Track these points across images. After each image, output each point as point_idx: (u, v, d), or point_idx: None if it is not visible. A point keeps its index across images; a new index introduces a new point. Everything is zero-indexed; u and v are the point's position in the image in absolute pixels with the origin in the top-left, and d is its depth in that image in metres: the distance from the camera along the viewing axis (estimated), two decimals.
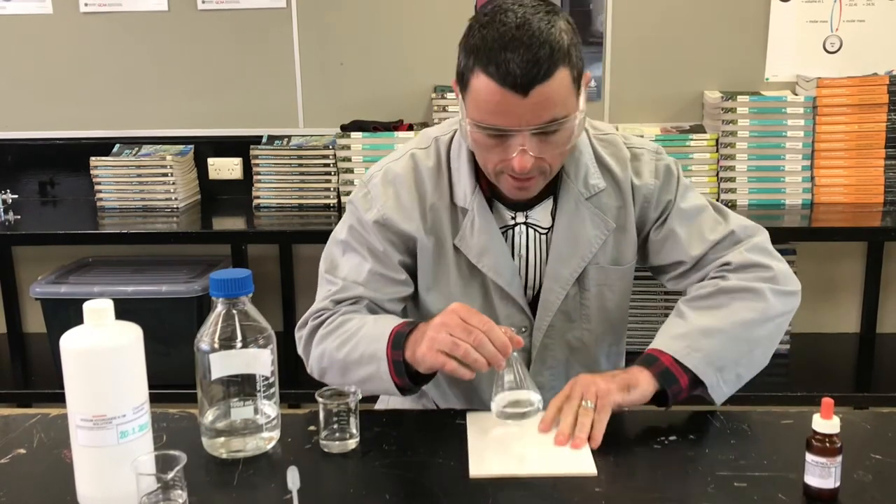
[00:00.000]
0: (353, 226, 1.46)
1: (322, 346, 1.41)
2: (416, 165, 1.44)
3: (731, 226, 1.45)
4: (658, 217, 1.47)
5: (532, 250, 1.45)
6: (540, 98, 1.23)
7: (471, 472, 1.19)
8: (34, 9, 2.86)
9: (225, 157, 2.90)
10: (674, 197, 1.46)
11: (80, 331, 1.08)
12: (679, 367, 1.32)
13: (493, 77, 1.23)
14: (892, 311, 2.94)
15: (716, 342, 1.34)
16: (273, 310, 2.94)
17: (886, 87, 2.58)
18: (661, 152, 1.48)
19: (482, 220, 1.41)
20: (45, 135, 2.94)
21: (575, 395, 1.30)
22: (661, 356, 1.33)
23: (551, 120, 1.25)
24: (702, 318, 1.37)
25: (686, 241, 1.44)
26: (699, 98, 2.84)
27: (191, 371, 1.22)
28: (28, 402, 2.69)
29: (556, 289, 1.44)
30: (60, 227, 2.68)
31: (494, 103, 1.24)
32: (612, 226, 1.44)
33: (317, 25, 2.85)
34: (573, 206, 1.42)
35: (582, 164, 1.43)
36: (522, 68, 1.20)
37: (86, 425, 1.07)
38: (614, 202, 1.44)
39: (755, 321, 1.37)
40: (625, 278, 1.48)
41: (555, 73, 1.23)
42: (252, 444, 1.23)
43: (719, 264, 1.43)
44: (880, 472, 1.18)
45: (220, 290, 1.19)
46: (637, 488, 1.16)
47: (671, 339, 1.35)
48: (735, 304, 1.37)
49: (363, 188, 1.46)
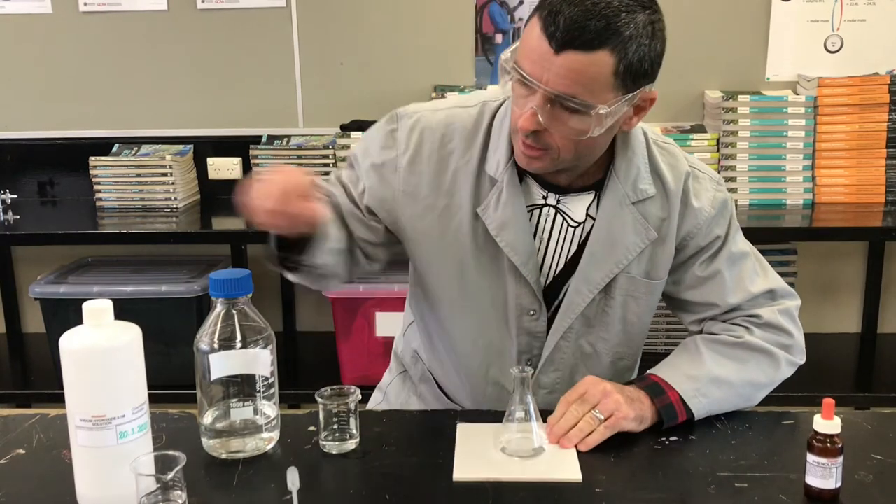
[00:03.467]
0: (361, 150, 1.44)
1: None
2: (451, 123, 1.39)
3: (772, 283, 1.44)
4: (703, 249, 1.41)
5: (557, 238, 1.40)
6: (569, 63, 1.17)
7: (455, 474, 1.18)
8: (34, 8, 2.86)
9: (225, 156, 2.90)
10: (724, 234, 1.41)
11: (79, 331, 1.08)
12: (682, 406, 1.32)
13: (541, 21, 1.19)
14: (893, 312, 2.93)
15: (722, 394, 1.35)
16: (273, 310, 2.94)
17: (887, 86, 2.58)
18: (722, 184, 1.44)
19: (510, 194, 1.36)
20: (45, 135, 2.94)
21: (590, 400, 1.28)
22: (668, 391, 1.32)
23: (571, 94, 1.19)
24: (717, 367, 1.36)
25: (729, 287, 1.41)
26: (700, 98, 2.84)
27: (191, 371, 1.21)
28: (28, 402, 2.68)
29: (585, 291, 1.39)
30: (60, 227, 2.68)
31: (530, 48, 1.20)
32: (653, 235, 1.37)
33: (317, 25, 2.85)
34: (617, 206, 1.36)
35: (633, 166, 1.36)
36: (567, 25, 1.16)
37: (85, 425, 1.07)
38: (660, 212, 1.38)
39: (762, 385, 1.40)
40: (653, 293, 1.43)
41: (597, 50, 1.17)
42: (252, 444, 1.23)
43: (748, 314, 1.42)
44: (881, 473, 1.18)
45: (220, 291, 1.18)
46: (637, 488, 1.15)
47: (684, 378, 1.34)
48: (752, 362, 1.38)
49: (392, 123, 1.42)
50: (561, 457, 1.23)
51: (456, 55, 2.82)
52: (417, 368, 1.61)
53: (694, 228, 1.40)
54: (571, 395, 1.30)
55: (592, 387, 1.29)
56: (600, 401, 1.27)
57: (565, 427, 1.26)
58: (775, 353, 1.40)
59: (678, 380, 1.33)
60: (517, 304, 1.41)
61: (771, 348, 1.39)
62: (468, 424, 1.32)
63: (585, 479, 1.17)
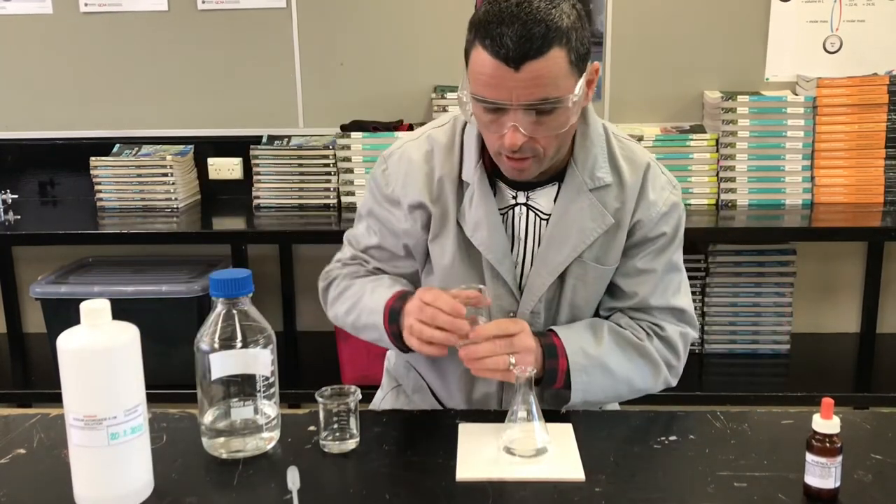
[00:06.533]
0: (371, 202, 1.54)
1: (334, 310, 1.57)
2: (431, 143, 1.48)
3: (686, 306, 1.51)
4: (648, 241, 1.46)
5: (531, 235, 1.46)
6: (531, 74, 1.24)
7: (458, 475, 1.18)
8: (34, 9, 2.86)
9: (225, 157, 2.90)
10: (671, 235, 1.47)
11: (76, 331, 1.08)
12: (564, 376, 1.38)
13: (487, 49, 1.25)
14: (892, 311, 2.94)
15: (603, 382, 1.41)
16: (273, 310, 2.94)
17: (886, 87, 2.58)
18: (678, 189, 1.50)
19: (480, 194, 1.43)
20: (45, 135, 2.94)
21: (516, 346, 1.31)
22: (560, 358, 1.38)
23: (543, 98, 1.27)
24: (611, 356, 1.42)
25: (656, 288, 1.47)
26: (699, 98, 2.84)
27: (191, 371, 1.22)
28: (28, 402, 2.69)
29: (545, 274, 1.45)
30: (60, 227, 2.68)
31: (488, 76, 1.26)
32: (610, 221, 1.43)
33: (317, 25, 2.85)
34: (575, 193, 1.42)
35: (591, 155, 1.43)
36: (515, 42, 1.23)
37: (77, 425, 1.07)
38: (614, 201, 1.44)
39: (636, 390, 1.46)
40: (602, 279, 1.47)
41: (548, 51, 1.24)
42: (252, 444, 1.23)
43: (655, 323, 1.47)
44: (880, 473, 1.18)
45: (220, 290, 1.19)
46: (637, 488, 1.16)
47: (579, 351, 1.39)
48: (640, 366, 1.44)
49: (382, 164, 1.52)
50: (564, 456, 1.23)
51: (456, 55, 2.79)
52: (410, 378, 1.63)
53: (644, 218, 1.45)
54: (508, 327, 1.33)
55: (524, 337, 1.34)
56: (521, 352, 1.32)
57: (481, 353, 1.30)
58: (661, 367, 1.46)
59: (573, 349, 1.39)
60: (497, 305, 1.45)
61: (660, 361, 1.46)
62: (470, 424, 1.32)
63: (585, 478, 1.17)
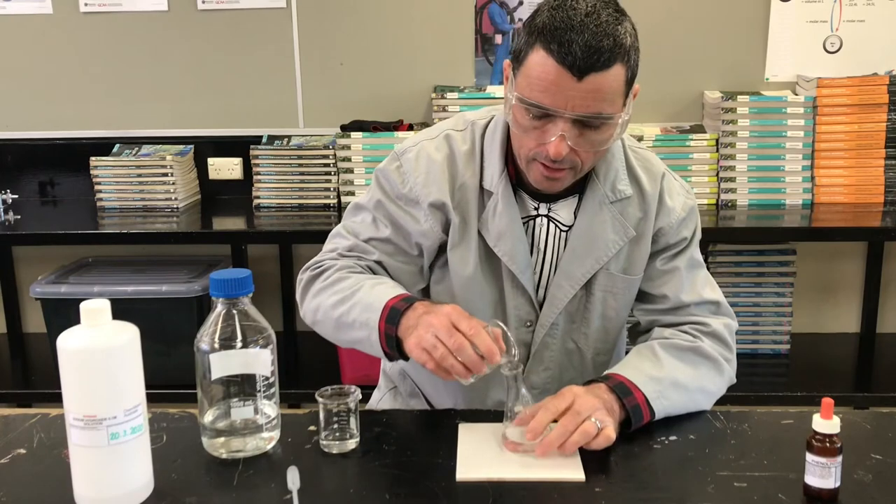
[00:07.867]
0: (379, 196, 1.47)
1: (318, 300, 1.42)
2: (450, 146, 1.45)
3: (720, 297, 1.50)
4: (669, 247, 1.48)
5: (551, 246, 1.46)
6: (592, 86, 1.24)
7: (458, 475, 1.18)
8: (34, 9, 2.86)
9: (225, 157, 2.91)
10: (689, 238, 1.49)
11: (75, 331, 1.08)
12: (647, 408, 1.31)
13: (553, 54, 1.23)
14: (892, 311, 2.94)
15: (680, 398, 1.36)
16: (273, 310, 2.95)
17: (886, 86, 2.59)
18: (692, 193, 1.52)
19: (505, 204, 1.41)
20: (45, 135, 2.94)
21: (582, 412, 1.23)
22: (634, 391, 1.31)
23: (597, 112, 1.26)
24: (675, 371, 1.37)
25: (683, 285, 1.47)
26: (699, 98, 2.84)
27: (191, 371, 1.22)
28: (28, 402, 2.69)
29: (566, 286, 1.44)
30: (60, 227, 2.68)
31: (548, 81, 1.25)
32: (631, 233, 1.44)
33: (317, 25, 2.85)
34: (597, 206, 1.43)
35: (612, 168, 1.44)
36: (584, 52, 1.22)
37: (77, 424, 1.07)
38: (637, 212, 1.45)
39: (711, 395, 1.41)
40: (630, 289, 1.48)
41: (613, 66, 1.24)
42: (252, 444, 1.23)
43: (697, 322, 1.45)
44: (880, 473, 1.18)
45: (220, 290, 1.19)
46: (637, 488, 1.16)
47: (647, 380, 1.33)
48: (704, 369, 1.40)
49: (395, 161, 1.47)
50: (564, 456, 1.22)
51: (456, 55, 2.82)
52: (406, 384, 1.64)
53: (666, 226, 1.46)
54: (557, 406, 1.24)
55: (582, 401, 1.24)
56: (591, 414, 1.23)
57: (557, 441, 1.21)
58: (721, 363, 1.42)
59: (642, 381, 1.33)
60: (516, 315, 1.45)
61: (718, 358, 1.43)
62: (469, 424, 1.32)
63: (585, 478, 1.17)
